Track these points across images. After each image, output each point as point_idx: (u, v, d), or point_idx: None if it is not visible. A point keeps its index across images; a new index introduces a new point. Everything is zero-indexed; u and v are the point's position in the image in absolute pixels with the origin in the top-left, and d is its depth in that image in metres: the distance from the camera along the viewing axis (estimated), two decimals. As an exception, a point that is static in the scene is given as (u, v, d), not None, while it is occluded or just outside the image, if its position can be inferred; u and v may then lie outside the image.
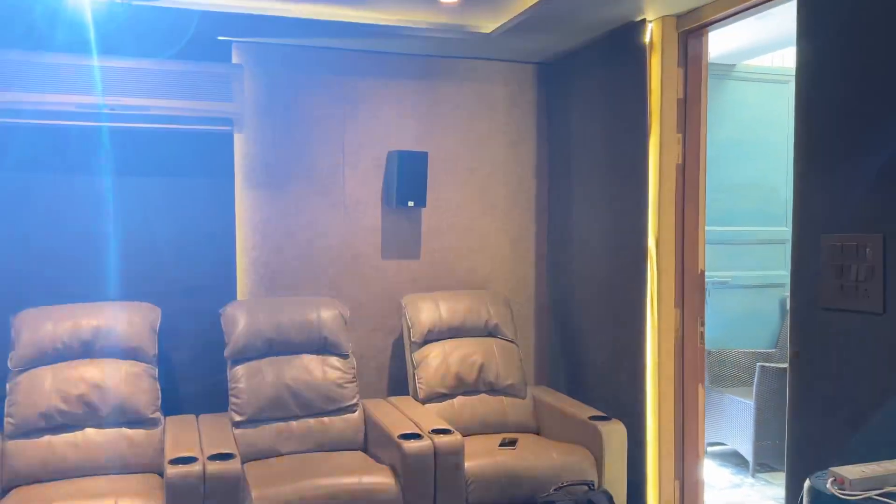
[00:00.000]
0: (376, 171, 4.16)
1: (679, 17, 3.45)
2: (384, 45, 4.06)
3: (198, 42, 3.74)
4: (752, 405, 4.73)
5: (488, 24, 3.82)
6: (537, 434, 3.87)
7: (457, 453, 3.22)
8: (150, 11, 3.33)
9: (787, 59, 5.40)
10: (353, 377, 3.73)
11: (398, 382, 4.18)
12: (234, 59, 3.88)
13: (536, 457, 3.42)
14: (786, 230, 5.50)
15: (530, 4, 3.47)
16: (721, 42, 4.32)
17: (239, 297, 3.92)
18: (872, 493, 1.94)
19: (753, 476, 4.72)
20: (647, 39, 3.49)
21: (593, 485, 3.28)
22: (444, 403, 3.81)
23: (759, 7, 3.10)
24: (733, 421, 4.86)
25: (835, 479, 2.02)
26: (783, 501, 4.31)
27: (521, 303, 4.43)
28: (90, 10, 3.32)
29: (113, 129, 3.61)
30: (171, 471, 2.87)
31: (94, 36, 3.46)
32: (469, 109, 4.31)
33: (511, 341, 4.05)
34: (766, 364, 4.74)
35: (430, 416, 3.57)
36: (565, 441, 3.64)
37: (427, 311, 3.96)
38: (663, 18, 3.46)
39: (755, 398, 4.72)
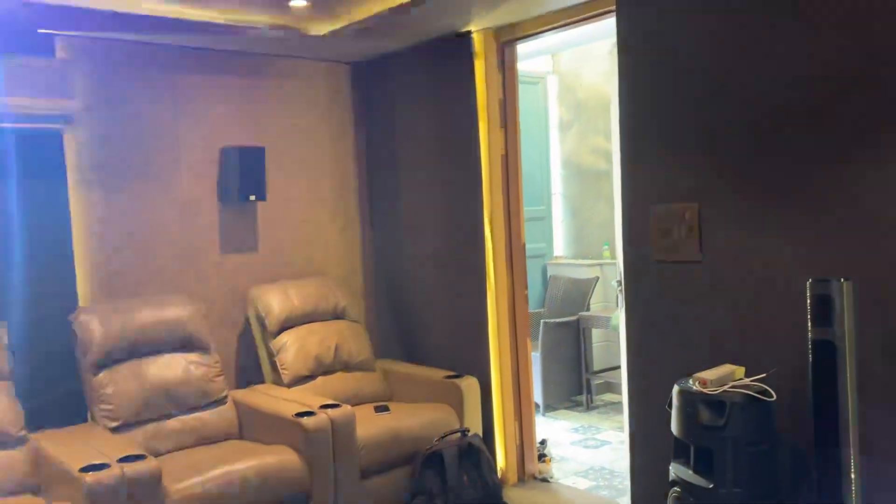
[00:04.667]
0: (210, 168, 4.20)
1: (498, 30, 4.06)
2: (210, 42, 4.11)
3: (18, 35, 3.50)
4: (539, 356, 5.61)
5: (322, 28, 4.09)
6: (391, 401, 4.27)
7: (349, 423, 3.52)
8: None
9: (532, 64, 6.36)
10: (220, 371, 3.80)
11: (247, 373, 4.29)
12: (59, 54, 3.68)
13: (410, 417, 3.84)
14: (544, 209, 6.50)
15: (369, 14, 3.82)
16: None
17: (81, 302, 3.74)
18: (726, 387, 2.72)
19: (544, 415, 5.61)
20: (473, 48, 4.05)
21: (466, 431, 3.80)
22: (308, 384, 4.03)
23: (567, 25, 3.82)
24: (523, 372, 5.70)
25: (699, 381, 2.76)
26: (571, 430, 5.24)
27: (353, 286, 4.77)
28: None
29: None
30: (89, 478, 2.79)
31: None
32: (294, 106, 4.52)
33: (356, 321, 4.39)
34: (548, 320, 5.65)
35: (308, 396, 3.79)
36: (421, 402, 4.10)
37: (279, 301, 4.14)
38: (485, 30, 4.04)
39: (541, 350, 5.60)
